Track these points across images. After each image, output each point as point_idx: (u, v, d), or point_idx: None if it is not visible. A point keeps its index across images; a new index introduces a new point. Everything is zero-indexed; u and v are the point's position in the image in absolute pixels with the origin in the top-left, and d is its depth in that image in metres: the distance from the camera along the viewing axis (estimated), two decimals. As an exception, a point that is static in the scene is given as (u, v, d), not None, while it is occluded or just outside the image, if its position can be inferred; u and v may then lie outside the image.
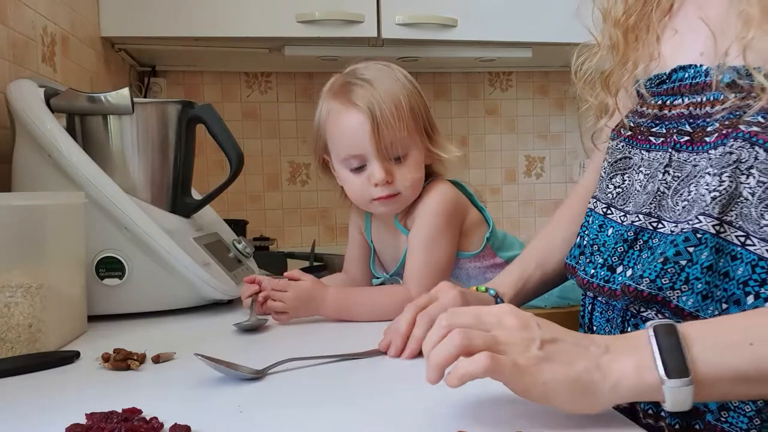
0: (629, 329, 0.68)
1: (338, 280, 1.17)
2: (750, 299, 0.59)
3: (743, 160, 0.59)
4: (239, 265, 1.20)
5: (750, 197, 0.59)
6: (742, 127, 0.60)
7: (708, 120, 0.65)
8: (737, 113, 0.61)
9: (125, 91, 1.04)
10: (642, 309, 0.66)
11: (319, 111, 1.03)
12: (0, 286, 0.76)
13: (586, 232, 0.77)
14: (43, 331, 0.79)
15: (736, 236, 0.60)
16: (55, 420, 0.56)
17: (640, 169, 0.71)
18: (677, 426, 0.63)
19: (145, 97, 2.03)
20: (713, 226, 0.60)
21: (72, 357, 0.77)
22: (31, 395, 0.66)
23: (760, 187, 0.59)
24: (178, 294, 1.03)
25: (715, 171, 0.61)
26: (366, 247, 1.16)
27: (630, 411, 0.67)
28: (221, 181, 1.12)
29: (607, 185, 0.75)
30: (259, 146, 2.15)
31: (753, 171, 0.59)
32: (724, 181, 0.60)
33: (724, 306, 0.60)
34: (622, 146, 0.74)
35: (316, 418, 0.58)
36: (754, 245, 0.59)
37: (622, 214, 0.71)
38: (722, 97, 0.63)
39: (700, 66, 0.67)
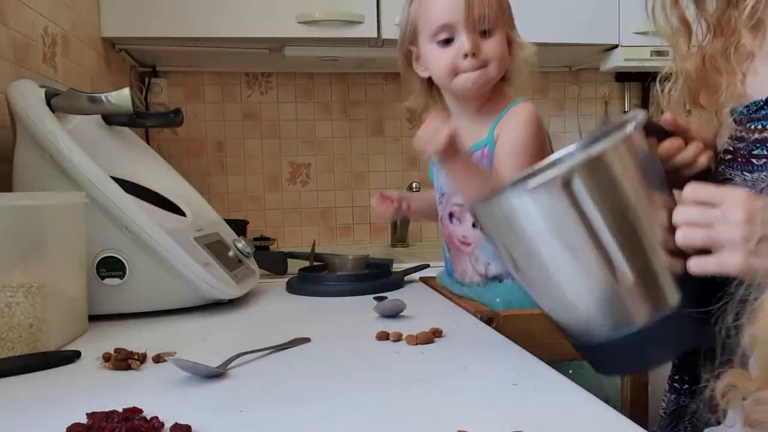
0: None
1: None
2: None
3: None
4: (239, 264, 1.20)
5: None
6: None
7: None
8: None
9: (126, 90, 1.04)
10: None
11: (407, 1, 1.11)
12: (1, 285, 0.77)
13: None
14: (44, 331, 0.80)
15: None
16: (55, 419, 0.56)
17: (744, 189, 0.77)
18: None
19: (146, 98, 2.03)
20: None
21: (73, 357, 0.77)
22: (32, 395, 0.66)
23: None
24: (178, 294, 1.03)
25: None
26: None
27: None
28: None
29: None
30: (259, 146, 2.15)
31: None
32: None
33: None
34: (722, 169, 0.79)
35: (316, 417, 0.58)
36: None
37: None
38: None
39: None
